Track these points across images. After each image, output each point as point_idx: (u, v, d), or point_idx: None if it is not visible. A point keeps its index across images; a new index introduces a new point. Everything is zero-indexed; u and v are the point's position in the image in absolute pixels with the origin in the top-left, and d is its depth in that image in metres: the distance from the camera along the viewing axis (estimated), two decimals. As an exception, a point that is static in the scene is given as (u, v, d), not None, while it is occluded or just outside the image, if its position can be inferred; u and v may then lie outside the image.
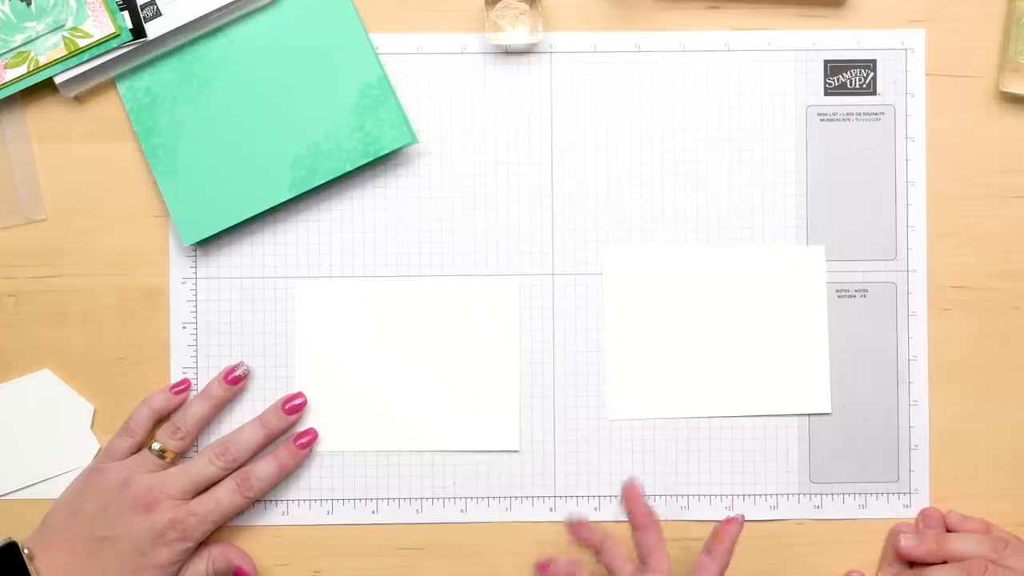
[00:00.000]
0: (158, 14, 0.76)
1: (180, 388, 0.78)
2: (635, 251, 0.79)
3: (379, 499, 0.79)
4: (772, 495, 0.79)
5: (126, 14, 0.76)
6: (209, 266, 0.79)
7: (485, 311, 0.79)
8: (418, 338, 0.79)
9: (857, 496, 0.79)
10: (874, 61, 0.79)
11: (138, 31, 0.76)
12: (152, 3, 0.76)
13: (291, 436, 0.78)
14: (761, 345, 0.79)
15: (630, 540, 0.74)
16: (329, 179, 0.77)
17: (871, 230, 0.79)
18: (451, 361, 0.79)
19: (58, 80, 0.77)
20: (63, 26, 0.76)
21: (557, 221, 0.79)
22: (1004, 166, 0.79)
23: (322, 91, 0.77)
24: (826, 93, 0.79)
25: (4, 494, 0.78)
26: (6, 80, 0.77)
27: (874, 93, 0.79)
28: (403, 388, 0.79)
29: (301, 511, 0.79)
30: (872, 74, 0.79)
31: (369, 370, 0.79)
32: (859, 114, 0.79)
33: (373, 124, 0.77)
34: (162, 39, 0.77)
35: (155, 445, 0.76)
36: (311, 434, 0.78)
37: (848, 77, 0.79)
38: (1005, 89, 0.78)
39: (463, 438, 0.79)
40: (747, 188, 0.79)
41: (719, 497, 0.79)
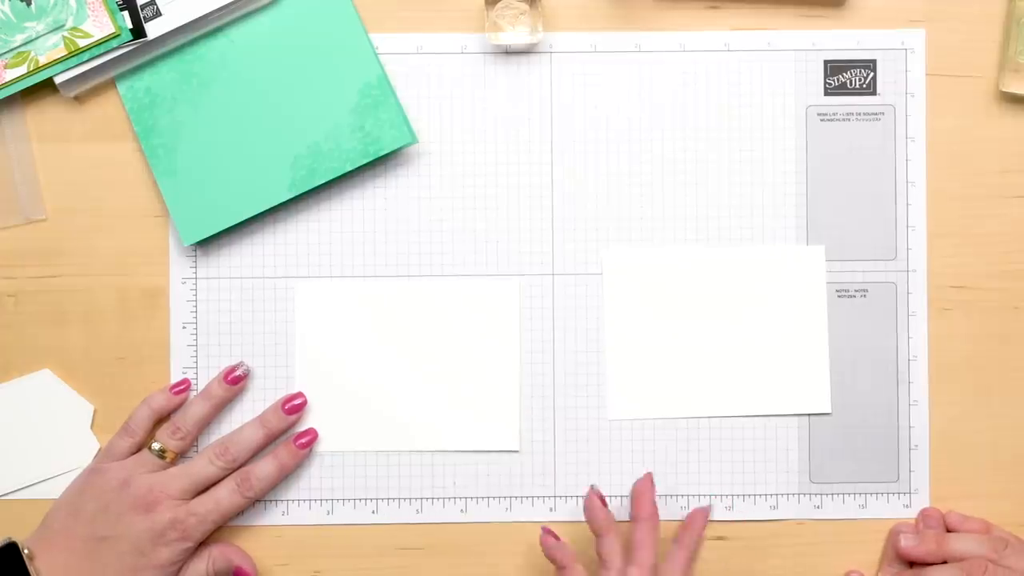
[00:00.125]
0: (158, 14, 0.76)
1: (180, 388, 0.78)
2: (635, 251, 0.79)
3: (379, 499, 0.79)
4: (772, 495, 0.79)
5: (126, 14, 0.76)
6: (209, 266, 0.79)
7: (485, 311, 0.79)
8: (418, 338, 0.79)
9: (857, 496, 0.79)
10: (874, 61, 0.79)
11: (138, 31, 0.76)
12: (152, 3, 0.76)
13: (291, 436, 0.78)
14: (761, 345, 0.79)
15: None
16: (329, 179, 0.77)
17: (871, 230, 0.79)
18: (451, 361, 0.79)
19: (58, 80, 0.77)
20: (63, 26, 0.76)
21: (557, 221, 0.79)
22: (1004, 166, 0.79)
23: (322, 91, 0.77)
24: (826, 93, 0.79)
25: (4, 494, 0.78)
26: (6, 80, 0.76)
27: (874, 93, 0.79)
28: (403, 388, 0.79)
29: (301, 511, 0.79)
30: (872, 74, 0.79)
31: (369, 370, 0.79)
32: (859, 114, 0.79)
33: (373, 124, 0.77)
34: (162, 39, 0.77)
35: (155, 445, 0.76)
36: (311, 434, 0.78)
37: (848, 77, 0.79)
38: (1005, 89, 0.78)
39: (463, 438, 0.79)
40: (747, 188, 0.79)
41: (719, 497, 0.79)
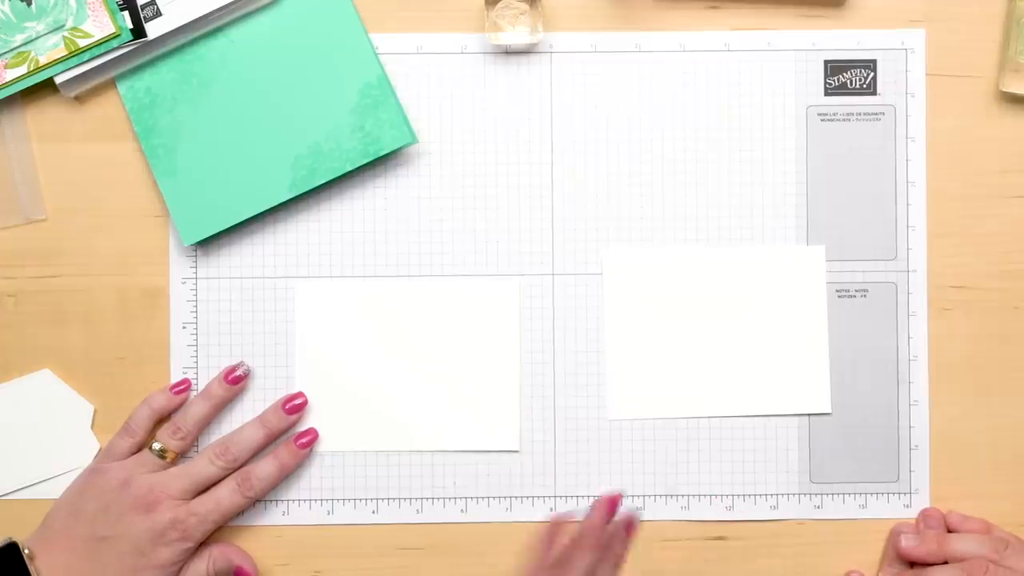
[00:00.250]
0: (158, 14, 0.76)
1: (180, 388, 0.78)
2: (635, 251, 0.79)
3: (379, 499, 0.79)
4: (772, 495, 0.79)
5: (126, 14, 0.76)
6: (209, 266, 0.79)
7: (485, 311, 0.79)
8: (418, 338, 0.79)
9: (857, 496, 0.79)
10: (874, 61, 0.79)
11: (138, 31, 0.76)
12: (152, 3, 0.76)
13: (291, 436, 0.78)
14: (761, 345, 0.79)
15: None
16: (329, 179, 0.77)
17: (871, 230, 0.79)
18: (451, 361, 0.79)
19: (58, 80, 0.77)
20: (63, 26, 0.76)
21: (557, 221, 0.79)
22: (1004, 166, 0.79)
23: (322, 91, 0.77)
24: (826, 93, 0.79)
25: (4, 494, 0.78)
26: (6, 80, 0.76)
27: (874, 93, 0.79)
28: (403, 388, 0.79)
29: (301, 511, 0.79)
30: (872, 74, 0.79)
31: (369, 370, 0.79)
32: (859, 114, 0.79)
33: (373, 124, 0.77)
34: (162, 39, 0.77)
35: (155, 445, 0.76)
36: (311, 434, 0.78)
37: (848, 77, 0.79)
38: (1005, 89, 0.78)
39: (463, 438, 0.79)
40: (747, 188, 0.79)
41: (719, 497, 0.79)
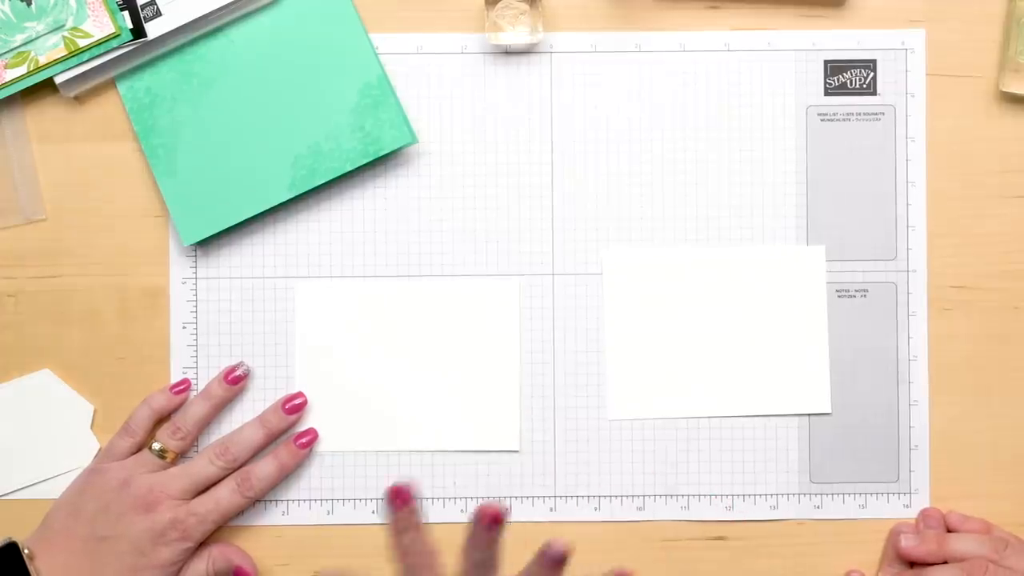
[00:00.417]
0: (158, 14, 0.76)
1: (180, 388, 0.78)
2: (635, 251, 0.79)
3: (379, 499, 0.79)
4: (772, 495, 0.79)
5: (126, 14, 0.76)
6: (209, 266, 0.79)
7: (485, 311, 0.79)
8: (418, 338, 0.79)
9: (857, 496, 0.79)
10: (874, 61, 0.79)
11: (138, 31, 0.76)
12: (152, 3, 0.76)
13: (291, 436, 0.78)
14: (761, 345, 0.79)
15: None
16: (329, 179, 0.77)
17: (871, 230, 0.79)
18: (451, 361, 0.79)
19: (58, 80, 0.77)
20: (63, 26, 0.76)
21: (557, 221, 0.79)
22: (1004, 166, 0.79)
23: (322, 91, 0.77)
24: (826, 93, 0.79)
25: (4, 494, 0.78)
26: (6, 80, 0.76)
27: (874, 93, 0.79)
28: (403, 388, 0.79)
29: (301, 511, 0.79)
30: (872, 74, 0.79)
31: (369, 370, 0.79)
32: (859, 114, 0.79)
33: (373, 124, 0.77)
34: (162, 39, 0.77)
35: (155, 445, 0.76)
36: (311, 434, 0.78)
37: (848, 77, 0.79)
38: (1005, 89, 0.78)
39: (463, 438, 0.79)
40: (747, 188, 0.79)
41: (719, 497, 0.79)
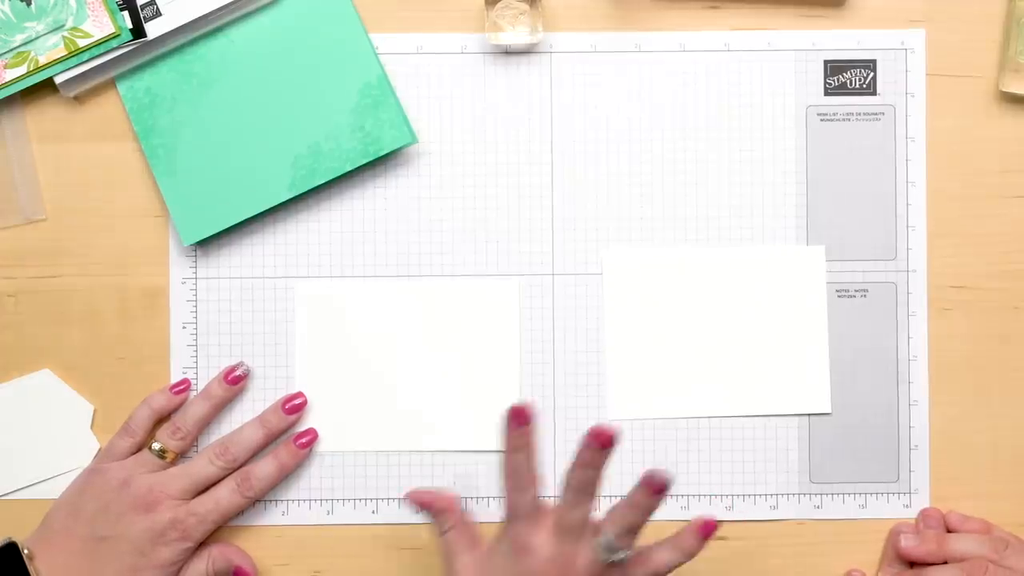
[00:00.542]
0: (158, 14, 0.76)
1: (180, 388, 0.78)
2: (635, 251, 0.79)
3: (379, 499, 0.79)
4: (772, 495, 0.79)
5: (126, 14, 0.76)
6: (209, 266, 0.79)
7: (485, 311, 0.79)
8: (418, 338, 0.79)
9: (857, 496, 0.79)
10: (874, 61, 0.79)
11: (138, 31, 0.76)
12: (152, 3, 0.76)
13: (291, 436, 0.78)
14: (761, 345, 0.79)
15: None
16: (329, 179, 0.77)
17: (871, 230, 0.79)
18: (451, 361, 0.79)
19: (58, 80, 0.77)
20: (63, 26, 0.76)
21: (557, 221, 0.79)
22: (1004, 166, 0.79)
23: (322, 91, 0.77)
24: (826, 93, 0.79)
25: (4, 494, 0.78)
26: (6, 80, 0.76)
27: (874, 93, 0.79)
28: (403, 388, 0.79)
29: (301, 511, 0.79)
30: (872, 74, 0.79)
31: (369, 370, 0.79)
32: (859, 114, 0.79)
33: (373, 124, 0.77)
34: (162, 39, 0.77)
35: (155, 445, 0.76)
36: (311, 434, 0.78)
37: (848, 77, 0.79)
38: (1005, 89, 0.78)
39: (463, 438, 0.79)
40: (747, 188, 0.79)
41: (719, 497, 0.79)
